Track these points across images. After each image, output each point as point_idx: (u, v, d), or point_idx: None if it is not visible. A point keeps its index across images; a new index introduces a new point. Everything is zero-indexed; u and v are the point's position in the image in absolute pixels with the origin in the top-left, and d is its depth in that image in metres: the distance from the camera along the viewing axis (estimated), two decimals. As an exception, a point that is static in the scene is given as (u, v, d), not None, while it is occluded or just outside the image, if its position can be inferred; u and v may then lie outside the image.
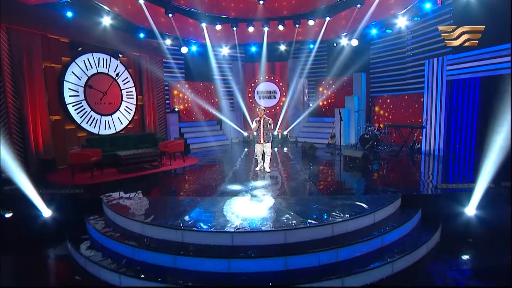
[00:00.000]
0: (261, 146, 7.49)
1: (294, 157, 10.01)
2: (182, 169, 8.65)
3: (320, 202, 5.16)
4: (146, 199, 5.81)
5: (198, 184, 6.69)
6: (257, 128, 7.32)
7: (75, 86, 9.43)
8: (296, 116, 14.09)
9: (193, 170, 8.47)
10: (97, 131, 10.12)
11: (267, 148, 7.44)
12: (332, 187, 6.33)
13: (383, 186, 6.10)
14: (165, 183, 7.19)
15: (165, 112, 12.93)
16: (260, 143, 7.46)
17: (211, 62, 14.35)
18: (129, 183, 7.02)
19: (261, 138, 7.37)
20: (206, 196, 5.80)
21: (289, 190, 6.06)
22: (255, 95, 14.85)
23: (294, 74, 14.34)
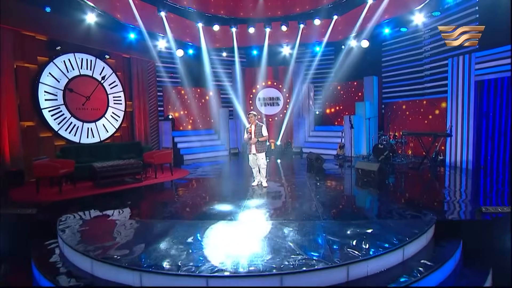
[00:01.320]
0: (254, 157, 6.41)
1: (299, 170, 8.88)
2: (168, 183, 7.57)
3: (330, 229, 4.00)
4: (111, 222, 4.71)
5: (180, 203, 5.58)
6: (249, 138, 6.31)
7: (52, 89, 8.52)
8: (300, 125, 13.00)
9: (179, 185, 7.40)
10: (78, 140, 9.15)
11: (260, 159, 6.34)
12: (344, 209, 5.16)
13: (408, 207, 4.92)
14: (142, 200, 6.09)
15: (157, 119, 11.98)
16: (252, 154, 6.38)
17: (208, 66, 13.46)
18: (101, 200, 5.96)
19: (252, 147, 6.29)
20: (185, 219, 4.70)
21: (290, 212, 4.91)
22: (256, 102, 13.85)
23: (298, 79, 13.34)
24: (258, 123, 6.33)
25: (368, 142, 10.82)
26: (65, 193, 6.47)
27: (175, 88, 12.89)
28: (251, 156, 6.40)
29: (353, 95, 12.60)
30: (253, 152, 6.30)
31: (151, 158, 8.02)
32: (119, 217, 4.94)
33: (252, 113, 6.40)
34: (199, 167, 10.00)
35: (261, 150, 6.32)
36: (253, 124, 6.29)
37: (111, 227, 4.46)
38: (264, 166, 6.41)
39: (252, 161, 6.46)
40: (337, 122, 13.15)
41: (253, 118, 6.31)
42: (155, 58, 11.74)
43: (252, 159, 6.44)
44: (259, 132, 6.27)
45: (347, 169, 8.73)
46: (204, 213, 4.89)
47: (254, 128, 6.27)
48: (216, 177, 8.25)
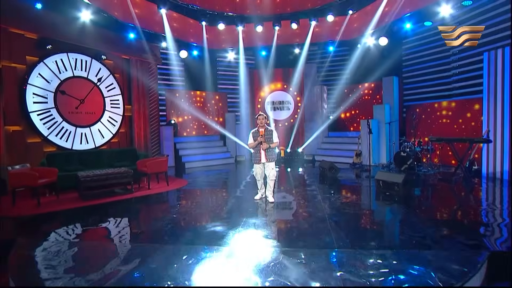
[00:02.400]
0: (262, 168, 5.51)
1: (310, 181, 7.95)
2: (161, 195, 6.79)
3: (346, 262, 3.08)
4: (78, 245, 3.93)
5: (167, 221, 4.77)
6: (255, 145, 5.38)
7: (42, 91, 7.95)
8: (313, 130, 12.07)
9: (172, 198, 6.62)
10: (70, 146, 8.53)
11: (270, 169, 5.44)
12: (364, 233, 4.20)
13: (446, 231, 3.94)
14: (124, 217, 5.30)
15: (158, 124, 11.31)
16: (260, 163, 5.46)
17: (214, 68, 12.79)
18: (80, 216, 5.21)
19: (262, 156, 5.39)
20: (167, 243, 3.86)
21: (297, 236, 4.00)
22: (265, 106, 13.03)
23: (310, 81, 12.47)
24: (268, 127, 5.47)
25: (388, 149, 9.78)
26: (44, 206, 5.78)
27: (179, 91, 12.25)
28: (258, 165, 5.46)
29: (370, 97, 11.60)
30: (262, 161, 5.38)
31: (144, 166, 7.28)
32: (89, 238, 4.16)
33: (262, 115, 5.44)
34: (200, 176, 9.20)
35: (272, 158, 5.39)
36: (262, 128, 5.37)
37: (74, 251, 3.67)
38: (273, 177, 5.45)
39: (258, 171, 5.52)
40: (353, 127, 12.16)
41: (263, 120, 5.37)
42: (156, 60, 11.14)
43: (258, 169, 5.49)
44: (269, 138, 5.40)
45: (365, 180, 7.73)
46: (191, 235, 4.05)
47: (263, 132, 5.36)
48: (216, 188, 7.41)
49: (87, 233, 4.39)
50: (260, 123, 5.36)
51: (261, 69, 12.90)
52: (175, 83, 12.16)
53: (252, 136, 5.47)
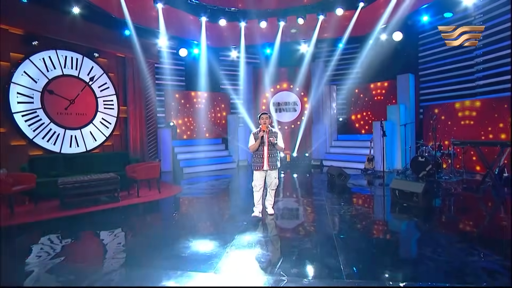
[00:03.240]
0: (263, 175, 4.69)
1: (317, 189, 7.27)
2: (150, 204, 6.21)
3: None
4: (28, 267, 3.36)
5: (145, 236, 4.16)
6: (257, 146, 4.61)
7: (28, 91, 7.51)
8: (321, 133, 11.38)
9: (163, 207, 6.04)
10: (58, 149, 8.06)
11: (273, 177, 4.69)
12: (378, 257, 3.50)
13: (481, 256, 3.22)
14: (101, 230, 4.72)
15: (156, 127, 10.82)
16: (261, 170, 4.64)
17: (217, 68, 12.25)
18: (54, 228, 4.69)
19: (265, 162, 4.59)
20: (141, 265, 3.26)
21: (296, 261, 3.34)
22: (270, 108, 12.40)
23: (318, 80, 11.79)
24: (272, 129, 4.70)
25: (404, 153, 9.02)
26: (17, 216, 5.28)
27: (178, 92, 11.74)
28: (259, 173, 4.63)
29: (384, 97, 10.85)
30: (264, 168, 4.59)
31: (133, 172, 6.73)
32: (48, 257, 3.58)
33: (266, 114, 4.66)
34: (197, 182, 8.62)
35: (275, 166, 4.64)
36: (265, 130, 4.55)
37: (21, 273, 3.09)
38: (275, 187, 4.76)
39: (258, 180, 4.65)
40: (364, 130, 11.42)
41: (267, 120, 4.59)
42: (154, 58, 10.67)
43: (259, 178, 4.65)
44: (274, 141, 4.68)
45: (378, 188, 7.01)
46: (171, 256, 3.44)
47: (267, 135, 4.58)
48: (212, 196, 6.80)
49: (52, 250, 3.82)
50: (263, 123, 4.59)
51: (265, 68, 12.30)
52: (174, 83, 11.64)
53: (253, 137, 4.68)
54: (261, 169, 4.60)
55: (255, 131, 4.71)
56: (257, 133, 4.59)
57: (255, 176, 4.68)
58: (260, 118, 4.66)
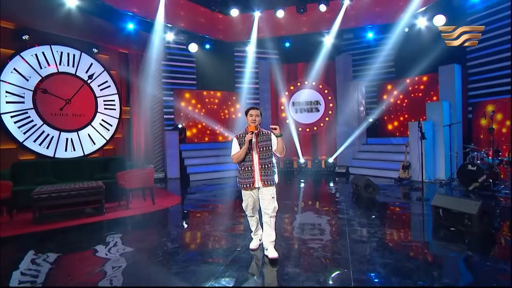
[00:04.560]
0: (255, 195, 3.41)
1: (339, 203, 6.20)
2: (138, 218, 5.47)
3: None
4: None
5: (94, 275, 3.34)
6: (243, 154, 3.31)
7: (18, 89, 7.14)
8: (347, 136, 10.22)
9: (149, 223, 5.28)
10: (52, 153, 7.63)
11: (269, 198, 3.31)
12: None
13: None
14: (73, 250, 3.99)
15: (162, 129, 10.21)
16: (251, 189, 3.36)
17: (231, 64, 11.50)
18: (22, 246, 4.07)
19: (256, 176, 3.32)
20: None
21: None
22: (289, 108, 11.44)
23: (344, 76, 10.68)
24: (263, 130, 3.42)
25: (448, 160, 7.68)
26: (-16, 229, 4.71)
27: (189, 91, 11.09)
28: (249, 193, 3.39)
29: (422, 94, 9.51)
30: (256, 184, 3.32)
31: (122, 180, 6.04)
32: None
33: (255, 109, 3.37)
34: (201, 191, 7.83)
35: (272, 180, 3.32)
36: (255, 131, 3.29)
37: None
38: (274, 213, 3.33)
39: (249, 202, 3.42)
40: (399, 132, 10.11)
41: (257, 118, 3.33)
42: (161, 54, 10.09)
43: (250, 200, 3.41)
44: (266, 147, 3.34)
45: (415, 204, 5.80)
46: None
47: (255, 138, 3.32)
48: (210, 211, 5.94)
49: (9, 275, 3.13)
50: (252, 120, 3.30)
51: (284, 64, 11.38)
52: (184, 81, 11.01)
53: (237, 142, 3.39)
54: (251, 186, 3.31)
55: (240, 133, 3.41)
56: (243, 136, 3.33)
57: (244, 197, 3.44)
58: (248, 115, 3.34)
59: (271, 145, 3.36)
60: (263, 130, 3.43)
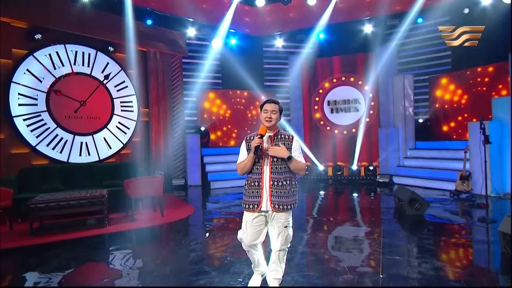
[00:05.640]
0: (261, 222, 2.67)
1: (376, 220, 5.40)
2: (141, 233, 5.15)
3: None
4: None
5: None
6: (250, 164, 2.64)
7: (31, 91, 7.21)
8: (391, 139, 9.23)
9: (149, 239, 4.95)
10: (66, 158, 7.64)
11: (279, 227, 2.63)
12: None
13: None
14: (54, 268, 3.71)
15: (183, 132, 9.98)
16: (257, 211, 2.63)
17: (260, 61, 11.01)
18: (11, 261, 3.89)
19: (264, 195, 2.61)
20: None
21: None
22: (324, 107, 10.68)
23: (389, 70, 9.72)
24: (283, 133, 2.75)
25: (521, 170, 6.49)
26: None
27: (213, 90, 10.78)
28: (252, 217, 2.64)
29: (487, 88, 8.28)
30: (263, 207, 2.60)
31: (128, 188, 5.77)
32: None
33: (272, 103, 2.70)
34: (219, 201, 7.42)
35: (285, 204, 2.58)
36: (270, 133, 2.72)
37: None
38: (285, 245, 2.68)
39: (249, 231, 2.65)
40: (456, 134, 8.92)
41: (273, 116, 2.65)
42: (182, 51, 9.88)
43: (252, 226, 2.64)
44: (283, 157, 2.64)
45: (478, 226, 4.83)
46: None
47: (269, 143, 2.68)
48: (222, 227, 5.44)
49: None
50: (266, 118, 2.66)
51: (318, 58, 10.66)
52: (207, 80, 10.72)
53: (245, 147, 2.76)
54: (256, 209, 2.60)
55: (252, 134, 2.77)
56: (251, 140, 2.68)
57: (244, 220, 2.68)
58: (262, 111, 2.69)
59: (289, 156, 2.60)
60: (283, 133, 2.73)
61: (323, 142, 10.20)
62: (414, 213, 5.26)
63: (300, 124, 10.82)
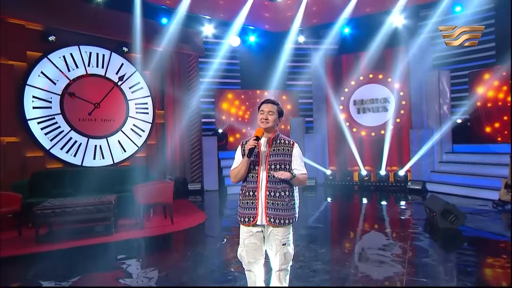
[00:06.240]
0: (259, 238, 2.41)
1: (403, 233, 5.00)
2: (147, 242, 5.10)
3: None
4: None
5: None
6: (244, 171, 2.40)
7: (45, 94, 7.38)
8: (424, 142, 8.69)
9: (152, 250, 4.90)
10: (80, 162, 7.78)
11: (277, 244, 2.36)
12: None
13: None
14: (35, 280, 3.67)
15: (200, 134, 9.93)
16: (254, 227, 2.39)
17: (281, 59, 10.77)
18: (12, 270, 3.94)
19: (260, 207, 2.37)
20: None
21: None
22: (350, 107, 10.27)
23: (422, 65, 9.17)
24: (283, 138, 2.52)
25: None
26: (-14, 246, 4.75)
27: (232, 91, 10.68)
28: (248, 231, 2.41)
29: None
30: (259, 221, 2.37)
31: (136, 194, 5.72)
32: None
33: (269, 105, 2.49)
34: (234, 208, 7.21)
35: (282, 218, 2.34)
36: (269, 137, 2.49)
37: None
38: (286, 264, 2.40)
39: (249, 247, 2.41)
40: (501, 137, 8.26)
41: (270, 117, 2.45)
42: (199, 50, 9.84)
43: (250, 244, 2.41)
44: (282, 164, 2.40)
45: (525, 243, 4.34)
46: None
47: (268, 146, 2.46)
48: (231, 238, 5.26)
49: None
50: (262, 119, 2.45)
51: (343, 54, 10.28)
52: (225, 80, 10.64)
53: (241, 151, 2.53)
54: (252, 222, 2.38)
55: (247, 139, 2.50)
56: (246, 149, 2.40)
57: (241, 238, 2.46)
58: (259, 111, 2.51)
59: (289, 163, 2.41)
60: (282, 137, 2.50)
61: (348, 145, 9.78)
62: (448, 226, 4.82)
63: (323, 126, 10.48)
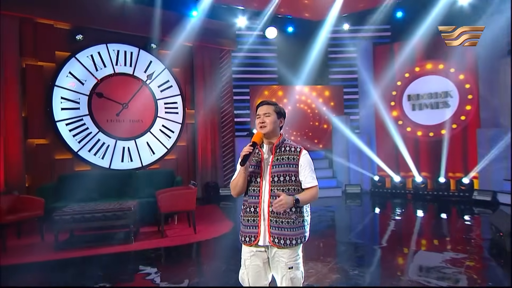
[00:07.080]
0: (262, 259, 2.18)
1: (462, 256, 4.45)
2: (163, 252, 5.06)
3: None
4: None
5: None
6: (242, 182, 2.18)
7: (73, 95, 7.73)
8: (495, 144, 7.82)
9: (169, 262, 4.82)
10: (108, 164, 8.05)
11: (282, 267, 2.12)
12: None
13: None
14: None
15: (233, 135, 9.87)
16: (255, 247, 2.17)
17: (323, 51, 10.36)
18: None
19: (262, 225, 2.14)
20: None
21: None
22: (404, 103, 9.59)
23: (492, 52, 8.25)
24: (289, 144, 2.26)
25: None
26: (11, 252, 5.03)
27: (268, 88, 10.48)
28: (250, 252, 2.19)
29: None
30: (261, 241, 2.14)
31: (158, 200, 5.73)
32: None
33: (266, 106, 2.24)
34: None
35: (288, 238, 2.10)
36: (272, 143, 2.24)
37: None
38: None
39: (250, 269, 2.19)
40: None
41: (266, 120, 2.20)
42: (231, 44, 9.77)
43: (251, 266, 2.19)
44: (287, 175, 2.17)
45: None
46: None
47: (271, 154, 2.22)
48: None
49: None
50: (259, 124, 2.21)
51: (395, 43, 9.65)
52: (261, 76, 10.47)
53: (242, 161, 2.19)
54: (254, 242, 2.17)
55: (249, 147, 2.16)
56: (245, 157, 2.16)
57: (243, 259, 2.25)
58: (256, 116, 2.27)
59: (295, 174, 2.18)
60: (288, 144, 2.26)
61: (400, 147, 9.13)
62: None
63: (371, 125, 9.90)
